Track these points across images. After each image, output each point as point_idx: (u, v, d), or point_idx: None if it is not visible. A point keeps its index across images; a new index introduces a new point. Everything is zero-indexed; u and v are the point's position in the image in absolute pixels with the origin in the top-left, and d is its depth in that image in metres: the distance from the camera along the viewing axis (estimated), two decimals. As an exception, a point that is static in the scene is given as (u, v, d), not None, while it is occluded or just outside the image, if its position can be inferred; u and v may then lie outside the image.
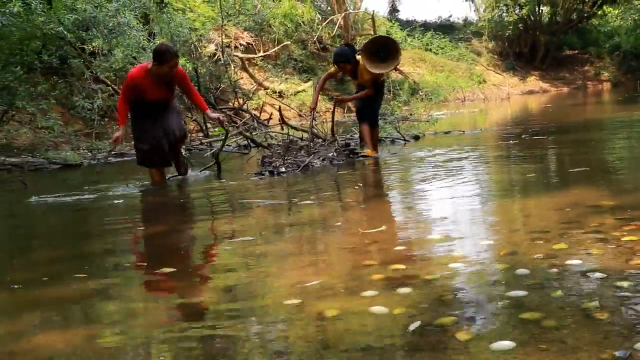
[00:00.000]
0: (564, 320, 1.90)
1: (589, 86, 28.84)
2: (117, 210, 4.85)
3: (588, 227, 3.03)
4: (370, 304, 2.17)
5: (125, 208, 4.98)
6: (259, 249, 3.22)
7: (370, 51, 6.88)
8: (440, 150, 7.41)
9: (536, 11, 29.98)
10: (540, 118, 13.14)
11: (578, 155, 6.35)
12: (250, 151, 8.67)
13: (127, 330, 2.15)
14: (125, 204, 5.13)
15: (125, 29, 11.32)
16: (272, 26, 20.20)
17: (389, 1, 33.85)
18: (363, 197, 4.89)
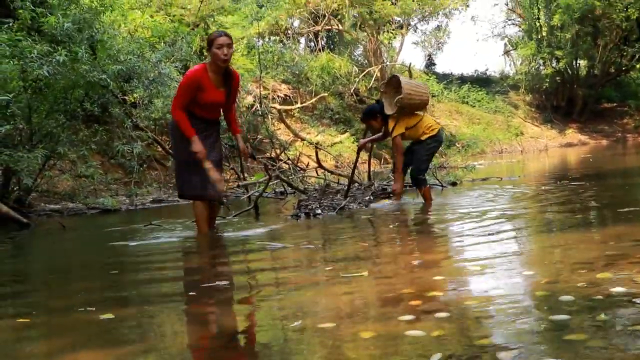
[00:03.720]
0: (610, 341, 1.83)
1: (629, 139, 28.50)
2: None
3: (633, 258, 2.94)
4: (407, 327, 2.12)
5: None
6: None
7: (391, 92, 6.64)
8: (478, 193, 7.36)
9: (573, 65, 29.92)
10: (581, 166, 12.98)
11: (620, 196, 6.24)
12: (286, 197, 8.69)
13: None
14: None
15: (166, 80, 11.53)
16: (310, 79, 20.48)
17: (426, 54, 34.15)
18: (402, 232, 4.84)
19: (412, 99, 6.34)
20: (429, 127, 6.56)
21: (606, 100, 32.09)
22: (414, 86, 6.48)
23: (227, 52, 5.01)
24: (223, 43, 5.00)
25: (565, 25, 26.58)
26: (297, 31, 24.18)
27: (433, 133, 6.52)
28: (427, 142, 6.50)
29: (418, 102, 6.45)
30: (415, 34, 30.12)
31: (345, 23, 23.05)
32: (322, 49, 24.50)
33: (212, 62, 5.05)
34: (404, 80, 6.43)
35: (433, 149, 6.64)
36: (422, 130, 6.51)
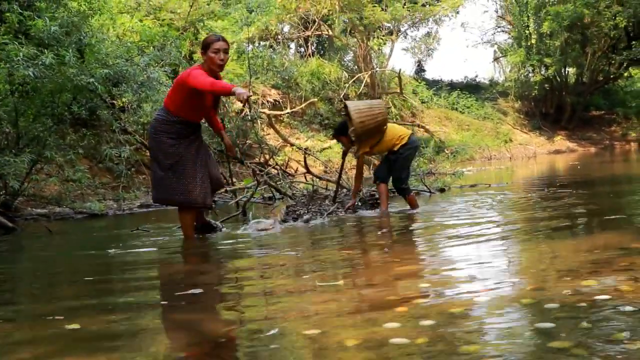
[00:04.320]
0: (594, 349, 1.82)
1: (616, 146, 28.65)
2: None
3: (618, 266, 2.95)
4: (392, 334, 2.11)
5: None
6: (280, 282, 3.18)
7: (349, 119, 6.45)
8: (466, 200, 7.38)
9: (562, 72, 30.07)
10: (569, 174, 13.03)
11: (607, 204, 6.26)
12: (275, 202, 8.67)
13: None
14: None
15: (155, 84, 11.48)
16: (300, 84, 20.48)
17: (416, 61, 34.19)
18: (389, 240, 4.83)
19: (366, 125, 6.18)
20: (398, 137, 6.47)
21: (594, 107, 32.26)
22: (365, 111, 6.25)
23: (223, 57, 4.94)
24: (220, 48, 4.92)
25: (554, 33, 26.71)
26: (287, 36, 24.18)
27: (404, 141, 6.46)
28: (400, 152, 6.44)
29: (373, 127, 6.26)
30: (405, 40, 30.16)
31: (336, 29, 23.06)
32: (312, 54, 24.52)
33: (207, 66, 4.93)
34: (353, 109, 6.24)
35: (409, 156, 6.60)
36: (392, 142, 6.44)
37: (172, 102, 5.01)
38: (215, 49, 4.89)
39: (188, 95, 4.89)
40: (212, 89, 4.72)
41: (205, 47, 4.95)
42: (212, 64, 4.91)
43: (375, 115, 6.27)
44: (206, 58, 4.93)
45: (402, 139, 6.48)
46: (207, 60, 4.93)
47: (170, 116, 4.99)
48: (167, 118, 5.00)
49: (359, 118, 6.17)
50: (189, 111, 5.02)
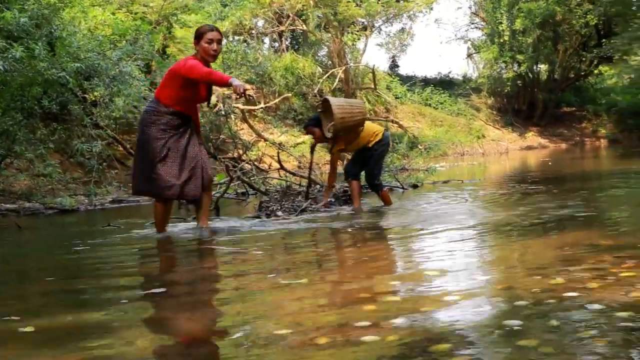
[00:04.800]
0: (561, 347, 1.85)
1: (587, 143, 29.00)
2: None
3: (586, 264, 2.99)
4: (363, 333, 2.12)
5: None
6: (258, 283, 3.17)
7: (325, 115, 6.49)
8: (438, 196, 7.42)
9: (534, 69, 30.33)
10: (540, 170, 13.17)
11: (577, 201, 6.33)
12: (248, 198, 8.64)
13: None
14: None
15: (127, 78, 11.38)
16: (274, 79, 20.43)
17: (390, 56, 34.24)
18: (361, 236, 4.84)
19: (345, 122, 6.17)
20: (373, 133, 6.50)
21: (566, 104, 32.57)
22: (347, 108, 6.28)
23: (216, 47, 4.89)
24: (214, 38, 4.87)
25: (526, 29, 26.89)
26: (261, 31, 24.09)
27: (379, 138, 6.50)
28: (374, 149, 6.47)
29: (351, 125, 6.26)
30: (380, 36, 30.18)
31: (310, 24, 23.01)
32: (286, 49, 24.45)
33: (200, 56, 4.86)
34: (335, 105, 6.22)
35: (382, 153, 6.66)
36: (367, 139, 6.46)
37: (164, 93, 4.93)
38: (209, 39, 4.85)
39: (182, 86, 4.83)
40: (210, 80, 4.72)
41: (198, 37, 4.90)
42: (206, 54, 4.87)
43: (355, 114, 6.27)
44: (199, 48, 4.87)
45: (376, 135, 6.51)
46: (200, 50, 4.87)
47: (160, 107, 4.90)
48: (157, 109, 4.91)
49: (340, 114, 6.15)
50: (181, 102, 4.93)
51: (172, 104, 4.89)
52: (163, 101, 4.91)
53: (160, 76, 13.43)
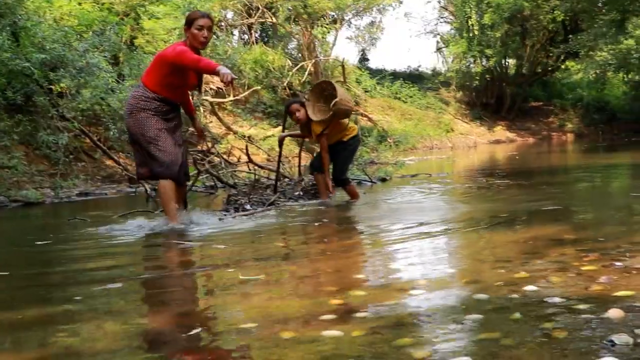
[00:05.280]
0: (522, 339, 1.87)
1: (554, 137, 29.39)
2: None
3: (549, 258, 3.03)
4: (328, 327, 2.12)
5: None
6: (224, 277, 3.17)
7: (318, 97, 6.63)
8: (406, 190, 7.46)
9: (502, 63, 30.63)
10: (507, 164, 13.32)
11: (541, 195, 6.42)
12: (216, 191, 8.61)
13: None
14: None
15: (94, 70, 11.25)
16: (243, 71, 20.34)
17: (359, 50, 34.33)
18: (328, 230, 4.85)
19: (343, 105, 6.32)
20: (350, 128, 6.64)
21: (533, 99, 32.97)
22: (344, 97, 6.44)
23: (207, 34, 4.78)
24: (204, 25, 4.76)
25: (495, 24, 27.14)
26: (230, 23, 23.96)
27: (355, 133, 6.63)
28: (349, 143, 6.54)
29: (345, 110, 6.40)
30: (349, 29, 30.39)
31: (279, 16, 22.95)
32: (256, 41, 24.37)
33: (189, 42, 4.77)
34: (338, 88, 6.42)
35: (355, 149, 6.76)
36: (344, 133, 6.55)
37: (151, 79, 4.83)
38: (199, 26, 4.75)
39: (170, 72, 4.75)
40: (198, 67, 4.61)
41: (189, 22, 4.79)
42: (195, 41, 4.77)
43: (348, 101, 6.49)
44: (189, 34, 4.78)
45: (353, 130, 6.65)
46: (189, 36, 4.77)
47: (149, 93, 4.81)
48: (145, 94, 4.81)
49: (341, 95, 6.31)
50: (169, 90, 4.84)
51: (159, 91, 4.81)
52: (151, 87, 4.82)
53: (128, 68, 13.32)
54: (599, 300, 2.23)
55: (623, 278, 2.55)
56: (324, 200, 6.52)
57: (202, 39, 4.76)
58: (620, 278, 2.54)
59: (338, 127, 6.49)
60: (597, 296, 2.30)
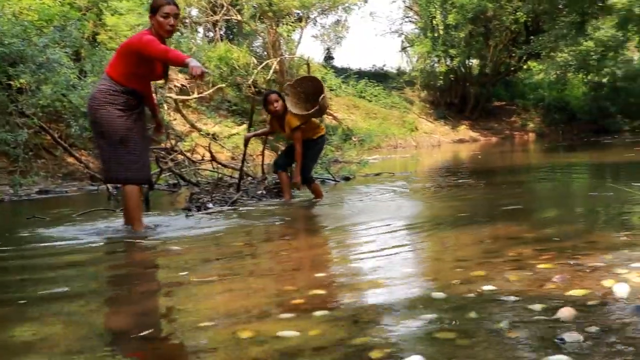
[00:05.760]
0: (476, 339, 1.90)
1: (516, 136, 29.75)
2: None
3: (506, 257, 3.08)
4: (286, 326, 2.13)
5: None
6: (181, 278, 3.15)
7: (297, 92, 6.63)
8: (369, 189, 7.50)
9: (466, 63, 30.91)
10: (470, 164, 13.46)
11: (503, 194, 6.50)
12: (180, 189, 8.55)
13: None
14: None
15: (55, 66, 11.09)
16: (207, 69, 20.20)
17: (325, 48, 34.38)
18: (290, 229, 4.86)
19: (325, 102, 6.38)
20: (319, 127, 6.70)
21: (496, 98, 33.32)
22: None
23: (173, 22, 4.55)
24: (170, 12, 4.52)
25: (459, 24, 27.38)
26: (195, 20, 23.81)
27: (322, 132, 6.69)
28: (317, 142, 6.56)
29: (324, 107, 6.45)
30: (315, 28, 30.36)
31: (245, 14, 22.87)
32: (221, 39, 24.25)
33: (154, 31, 4.53)
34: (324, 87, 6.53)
35: (321, 148, 6.80)
36: (314, 131, 6.57)
37: (116, 71, 4.59)
38: (165, 13, 4.51)
39: (135, 62, 4.52)
40: (166, 58, 4.39)
41: (154, 10, 4.55)
42: (161, 29, 4.54)
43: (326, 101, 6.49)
44: (154, 22, 4.54)
45: (322, 129, 6.70)
46: (155, 24, 4.54)
47: (115, 85, 4.57)
48: (112, 87, 4.57)
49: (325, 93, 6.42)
50: (135, 80, 4.61)
51: (126, 82, 4.58)
52: (117, 79, 4.58)
53: (90, 64, 13.16)
54: (552, 299, 2.27)
55: (577, 277, 2.60)
56: (287, 199, 6.52)
57: (168, 27, 4.55)
58: (574, 277, 2.59)
59: (310, 125, 6.50)
60: (551, 295, 2.34)
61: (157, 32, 4.54)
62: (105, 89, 4.59)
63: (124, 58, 4.58)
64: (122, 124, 4.56)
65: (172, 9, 4.56)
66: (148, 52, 4.38)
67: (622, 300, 2.25)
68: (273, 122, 6.67)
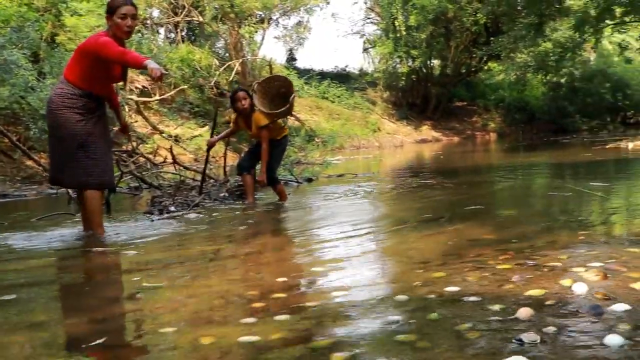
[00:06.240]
0: (437, 341, 1.92)
1: (477, 136, 30.09)
2: None
3: (467, 258, 3.11)
4: (248, 331, 2.13)
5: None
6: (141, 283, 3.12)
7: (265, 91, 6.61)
8: (332, 190, 7.52)
9: (428, 64, 31.16)
10: (432, 164, 13.57)
11: (465, 195, 6.58)
12: (141, 192, 8.46)
13: None
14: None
15: (12, 67, 10.90)
16: (169, 70, 20.05)
17: (287, 49, 34.31)
18: (253, 232, 4.84)
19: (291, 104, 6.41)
20: (283, 127, 6.71)
21: (458, 99, 33.66)
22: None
23: (131, 23, 4.44)
24: (128, 12, 4.41)
25: (420, 25, 27.58)
26: (156, 21, 23.61)
27: (286, 132, 6.71)
28: (281, 142, 6.55)
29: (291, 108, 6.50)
30: (277, 29, 30.35)
31: (206, 15, 22.72)
32: (182, 40, 24.07)
33: (112, 32, 4.43)
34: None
35: (285, 149, 6.81)
36: (278, 131, 6.54)
37: (73, 73, 4.49)
38: (122, 14, 4.40)
39: (93, 65, 4.41)
40: (124, 60, 4.30)
41: (111, 11, 4.44)
42: (119, 31, 4.42)
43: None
44: (111, 24, 4.43)
45: (285, 130, 6.72)
46: (112, 26, 4.43)
47: (73, 89, 4.47)
48: (70, 91, 4.47)
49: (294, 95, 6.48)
50: (93, 83, 4.51)
51: (83, 85, 4.48)
52: (74, 82, 4.49)
53: (49, 66, 12.96)
54: (511, 299, 2.31)
55: (535, 277, 2.64)
56: (250, 202, 6.50)
57: (126, 28, 4.45)
58: (533, 277, 2.64)
59: (275, 125, 6.49)
60: (509, 295, 2.38)
61: (115, 34, 4.45)
62: (63, 93, 4.50)
63: (80, 60, 4.49)
64: (82, 129, 4.48)
65: (130, 9, 4.46)
66: (105, 54, 4.29)
67: (579, 299, 2.29)
68: (239, 121, 6.57)
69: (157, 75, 4.07)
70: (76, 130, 4.48)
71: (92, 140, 4.53)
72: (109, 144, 4.76)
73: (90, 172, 4.54)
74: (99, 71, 4.49)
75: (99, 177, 4.59)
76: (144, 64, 4.14)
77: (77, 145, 4.49)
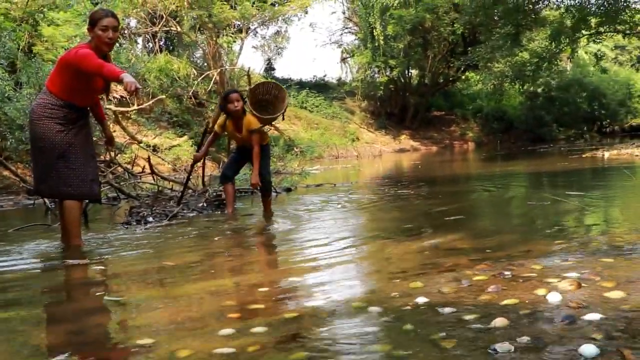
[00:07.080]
0: (412, 351, 1.94)
1: (456, 145, 30.30)
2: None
3: (443, 267, 3.14)
4: (225, 343, 2.13)
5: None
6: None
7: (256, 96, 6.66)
8: (310, 200, 7.53)
9: (406, 74, 31.35)
10: (410, 173, 13.64)
11: (442, 205, 6.62)
12: (119, 203, 8.42)
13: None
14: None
15: (-11, 77, 10.82)
16: (147, 80, 19.98)
17: (265, 59, 34.38)
18: (232, 243, 4.83)
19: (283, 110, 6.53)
20: (267, 135, 6.74)
21: (436, 108, 33.91)
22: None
23: (112, 35, 4.46)
24: (109, 25, 4.43)
25: (398, 35, 27.75)
26: (134, 31, 23.53)
27: (269, 140, 6.74)
28: (266, 149, 6.51)
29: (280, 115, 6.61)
30: (255, 39, 30.31)
31: (184, 25, 22.71)
32: (160, 50, 24.01)
33: (94, 44, 4.45)
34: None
35: (269, 155, 6.85)
36: (265, 137, 6.54)
37: (55, 85, 4.51)
38: (104, 26, 4.42)
39: (74, 76, 4.43)
40: (100, 73, 4.29)
41: (92, 23, 4.47)
42: (100, 43, 4.45)
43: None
44: (93, 35, 4.45)
45: (268, 137, 6.76)
46: (94, 38, 4.45)
47: (54, 99, 4.48)
48: (51, 102, 4.48)
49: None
50: (74, 94, 4.53)
51: (65, 96, 4.50)
52: (56, 93, 4.50)
53: (26, 76, 12.86)
54: (486, 310, 2.33)
55: (511, 287, 2.68)
56: (229, 212, 6.45)
57: (107, 40, 4.47)
58: (508, 287, 2.67)
59: (262, 130, 6.51)
60: (485, 305, 2.40)
61: (97, 46, 4.48)
62: (45, 103, 4.52)
63: (62, 72, 4.51)
64: (62, 139, 4.50)
65: (111, 21, 4.48)
66: (84, 66, 4.31)
67: (553, 309, 2.32)
68: (227, 123, 6.47)
69: (132, 89, 4.08)
70: (56, 141, 4.49)
71: (72, 150, 4.54)
72: (92, 155, 4.75)
73: (69, 182, 4.55)
74: (80, 83, 4.51)
75: (78, 187, 4.59)
76: (120, 77, 4.16)
77: (57, 156, 4.51)
